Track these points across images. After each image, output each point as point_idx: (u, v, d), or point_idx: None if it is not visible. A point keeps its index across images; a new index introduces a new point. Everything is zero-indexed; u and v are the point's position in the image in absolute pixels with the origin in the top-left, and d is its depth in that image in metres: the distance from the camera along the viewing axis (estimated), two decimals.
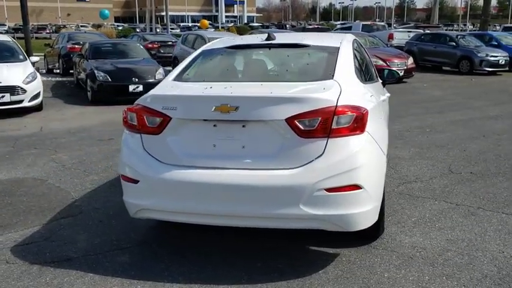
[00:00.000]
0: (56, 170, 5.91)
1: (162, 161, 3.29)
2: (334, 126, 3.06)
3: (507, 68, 18.38)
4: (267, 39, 4.15)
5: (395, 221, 4.21)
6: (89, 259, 3.63)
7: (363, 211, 3.15)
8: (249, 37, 4.81)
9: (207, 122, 3.22)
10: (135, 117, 3.39)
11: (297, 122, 3.05)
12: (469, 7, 76.41)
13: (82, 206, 4.76)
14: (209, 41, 13.46)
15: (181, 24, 68.55)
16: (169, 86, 3.56)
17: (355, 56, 3.95)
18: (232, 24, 66.44)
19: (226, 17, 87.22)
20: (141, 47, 13.56)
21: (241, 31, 34.66)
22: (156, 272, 3.41)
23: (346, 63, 3.70)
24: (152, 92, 3.46)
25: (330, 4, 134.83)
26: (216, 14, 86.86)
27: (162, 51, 17.36)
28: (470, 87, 14.61)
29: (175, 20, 76.18)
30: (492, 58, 17.88)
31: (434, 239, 3.86)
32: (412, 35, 21.08)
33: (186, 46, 15.03)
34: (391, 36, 20.97)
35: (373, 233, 3.71)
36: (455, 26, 57.61)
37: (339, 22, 66.34)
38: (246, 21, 79.80)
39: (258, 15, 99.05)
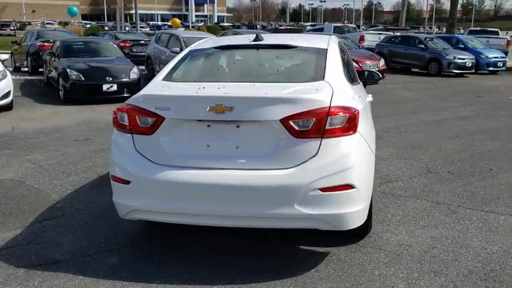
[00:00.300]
0: (33, 171, 5.77)
1: (154, 162, 3.27)
2: (327, 126, 3.10)
3: (473, 70, 18.97)
4: (255, 40, 4.17)
5: (380, 219, 4.29)
6: (77, 261, 3.57)
7: (355, 210, 3.21)
8: (236, 37, 4.82)
9: (200, 123, 3.21)
10: (126, 117, 3.35)
11: (291, 123, 3.08)
12: (434, 10, 78.18)
13: (64, 207, 4.67)
14: (184, 41, 13.52)
15: (151, 23, 67.81)
16: (159, 86, 3.54)
17: (342, 57, 4.01)
18: (203, 23, 66.09)
19: (196, 16, 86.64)
20: (114, 45, 13.36)
21: (211, 31, 34.49)
22: (148, 273, 3.38)
23: (335, 64, 3.76)
24: (144, 91, 3.43)
25: (300, 5, 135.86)
26: (186, 13, 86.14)
27: (134, 50, 17.13)
28: (439, 88, 14.99)
29: (144, 18, 75.25)
30: (459, 60, 18.41)
31: (419, 237, 3.95)
32: (382, 37, 21.48)
33: (160, 45, 14.89)
34: (362, 38, 21.31)
35: (362, 231, 3.77)
36: (421, 28, 58.90)
37: (308, 23, 66.91)
38: (216, 21, 79.56)
39: (228, 15, 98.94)
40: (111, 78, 11.16)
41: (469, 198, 4.87)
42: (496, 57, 20.07)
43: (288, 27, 30.51)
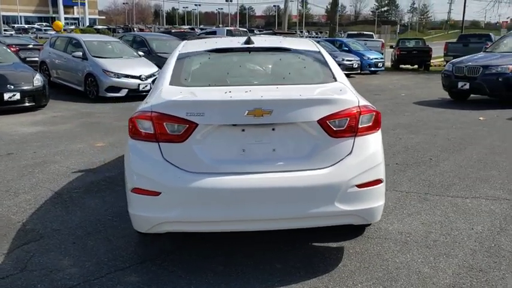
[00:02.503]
0: None
1: (187, 170, 3.13)
2: (359, 125, 3.24)
3: (359, 71, 20.55)
4: (246, 43, 4.17)
5: None
6: (94, 285, 3.28)
7: (383, 203, 3.40)
8: (225, 40, 4.73)
9: (235, 127, 3.15)
10: (151, 125, 3.16)
11: (328, 123, 3.17)
12: (304, 15, 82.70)
13: (37, 229, 4.22)
14: (86, 45, 12.75)
15: (16, 25, 62.40)
16: (177, 91, 3.38)
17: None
18: (74, 26, 62.52)
19: (66, 19, 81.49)
20: (9, 50, 12.17)
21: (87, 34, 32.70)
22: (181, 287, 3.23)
23: (336, 66, 3.93)
24: (168, 97, 3.23)
25: (173, 8, 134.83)
26: (54, 15, 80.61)
27: (22, 55, 15.71)
28: None
29: (5, 21, 68.93)
30: (347, 62, 19.83)
31: (411, 224, 4.27)
32: None
33: (56, 50, 13.85)
34: None
35: (365, 224, 3.97)
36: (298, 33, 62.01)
37: (188, 26, 66.72)
38: (88, 24, 75.67)
39: (100, 17, 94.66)
40: (12, 86, 10.18)
41: (429, 186, 5.35)
42: (377, 58, 21.98)
43: (182, 31, 30.07)
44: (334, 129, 3.18)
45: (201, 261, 3.60)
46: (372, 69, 21.64)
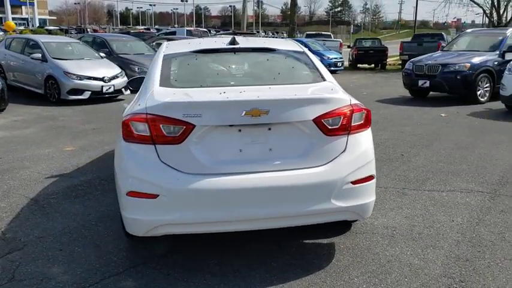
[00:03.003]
0: None
1: (185, 171, 3.11)
2: (352, 123, 3.32)
3: None
4: (231, 44, 4.18)
5: None
6: None
7: (374, 198, 3.50)
8: (209, 41, 4.69)
9: (231, 128, 3.16)
10: (147, 127, 3.12)
11: (323, 121, 3.23)
12: (260, 16, 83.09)
13: (18, 237, 4.08)
14: (45, 46, 12.37)
15: None
16: (170, 92, 3.34)
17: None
18: (23, 27, 60.24)
19: (14, 19, 78.26)
20: None
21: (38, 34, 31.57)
22: None
23: (322, 66, 4.00)
24: (162, 99, 3.20)
25: (127, 9, 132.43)
26: (0, 15, 77.43)
27: None
28: None
29: None
30: None
31: (395, 218, 4.40)
32: None
33: (12, 51, 13.35)
34: None
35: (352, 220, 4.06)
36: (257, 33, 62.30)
37: (143, 27, 65.67)
38: (38, 24, 73.09)
39: (51, 17, 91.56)
40: None
41: (405, 181, 5.53)
42: (336, 58, 22.38)
43: (141, 31, 29.56)
44: (329, 127, 3.25)
45: (195, 262, 3.58)
46: (332, 69, 21.95)
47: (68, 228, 4.26)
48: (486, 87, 11.73)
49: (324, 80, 3.73)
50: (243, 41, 4.28)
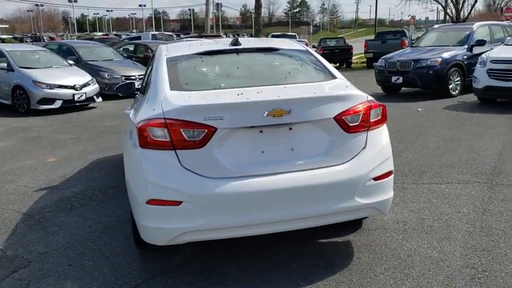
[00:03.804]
0: None
1: (208, 176, 3.02)
2: (371, 119, 3.31)
3: None
4: (234, 44, 4.12)
5: None
6: None
7: (393, 194, 3.50)
8: (210, 43, 4.58)
9: (253, 129, 3.09)
10: (166, 132, 3.01)
11: (344, 119, 3.20)
12: (220, 19, 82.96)
13: (20, 254, 3.89)
14: (10, 55, 11.92)
15: None
16: (185, 96, 3.24)
17: None
18: None
19: None
20: None
21: None
22: None
23: (328, 63, 3.99)
24: (180, 103, 3.10)
25: (82, 15, 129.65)
26: None
27: None
28: None
29: None
30: None
31: (402, 213, 4.43)
32: None
33: None
34: None
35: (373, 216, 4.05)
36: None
37: (100, 33, 64.46)
38: None
39: (3, 26, 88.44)
40: None
41: (402, 175, 5.58)
42: None
43: (104, 37, 28.92)
44: (350, 124, 3.23)
45: (215, 269, 3.49)
46: None
47: (72, 242, 4.08)
48: (457, 81, 12.04)
49: (335, 77, 3.71)
50: (245, 42, 4.22)
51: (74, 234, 4.26)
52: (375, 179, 3.28)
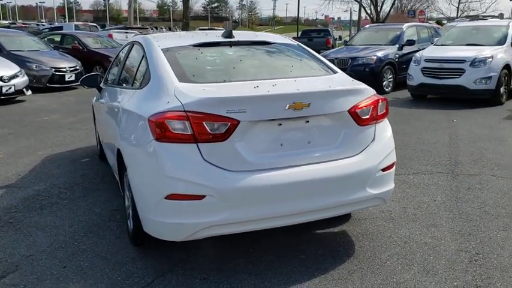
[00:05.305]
0: None
1: (230, 169, 2.97)
2: (379, 112, 3.44)
3: None
4: (227, 37, 4.07)
5: None
6: None
7: (393, 184, 3.65)
8: (202, 34, 4.42)
9: (272, 122, 3.08)
10: (187, 125, 2.91)
11: (357, 112, 3.29)
12: (138, 11, 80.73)
13: (3, 258, 3.59)
14: None
15: None
16: (199, 88, 3.15)
17: None
18: None
19: None
20: None
21: None
22: None
23: (323, 58, 4.06)
24: (199, 95, 3.00)
25: None
26: None
27: None
28: None
29: None
30: None
31: (391, 202, 4.60)
32: (129, 36, 21.36)
33: None
34: (110, 36, 20.75)
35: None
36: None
37: (7, 22, 59.99)
38: None
39: None
40: None
41: None
42: None
43: (24, 25, 26.92)
44: (362, 117, 3.32)
45: (225, 263, 3.45)
46: None
47: (57, 243, 3.83)
48: (390, 78, 12.71)
49: (335, 71, 3.80)
50: (237, 35, 4.18)
51: (56, 234, 3.99)
52: (383, 169, 3.41)
